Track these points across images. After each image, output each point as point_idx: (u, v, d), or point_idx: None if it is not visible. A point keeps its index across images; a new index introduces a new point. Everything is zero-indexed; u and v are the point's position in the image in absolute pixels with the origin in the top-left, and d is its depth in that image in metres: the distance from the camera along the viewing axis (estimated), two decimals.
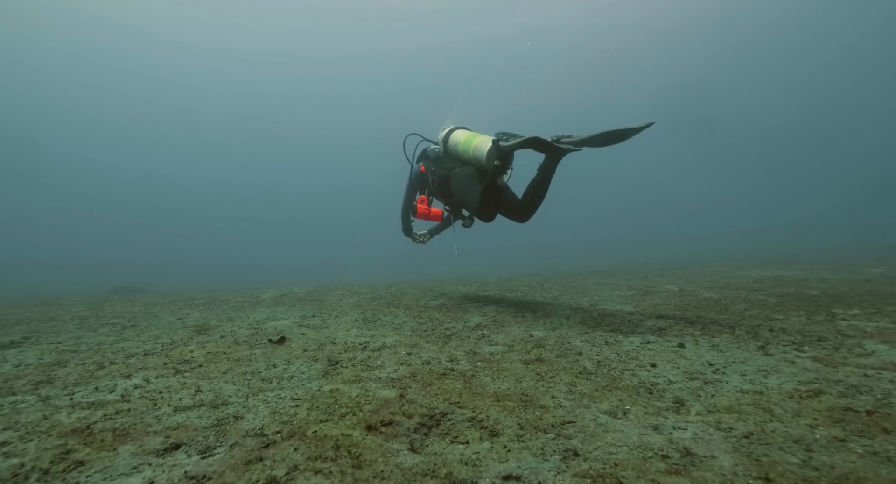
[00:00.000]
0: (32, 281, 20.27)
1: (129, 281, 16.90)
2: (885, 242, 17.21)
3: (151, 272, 27.29)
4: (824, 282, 5.51)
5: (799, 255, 12.53)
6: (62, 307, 6.57)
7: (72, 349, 3.11)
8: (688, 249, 25.17)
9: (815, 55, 59.77)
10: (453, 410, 1.63)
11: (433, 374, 2.13)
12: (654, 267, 11.39)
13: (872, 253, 11.73)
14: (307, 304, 5.24)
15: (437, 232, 5.62)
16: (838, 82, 63.53)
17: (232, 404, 1.74)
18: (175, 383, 2.11)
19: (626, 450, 1.35)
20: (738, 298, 4.44)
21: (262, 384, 2.08)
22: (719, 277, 6.99)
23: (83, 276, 24.45)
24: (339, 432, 1.41)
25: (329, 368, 2.29)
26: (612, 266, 13.87)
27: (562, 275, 9.84)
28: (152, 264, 33.60)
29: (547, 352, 2.54)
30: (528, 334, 2.96)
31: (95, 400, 1.93)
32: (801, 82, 64.77)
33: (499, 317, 3.68)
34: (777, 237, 26.97)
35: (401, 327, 3.49)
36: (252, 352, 2.73)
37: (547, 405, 1.72)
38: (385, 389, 1.91)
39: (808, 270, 7.10)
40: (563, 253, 29.07)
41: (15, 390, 2.17)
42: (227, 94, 75.23)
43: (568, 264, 18.29)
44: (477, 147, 4.17)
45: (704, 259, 14.04)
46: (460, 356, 2.48)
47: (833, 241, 20.81)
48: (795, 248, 17.25)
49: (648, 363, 2.27)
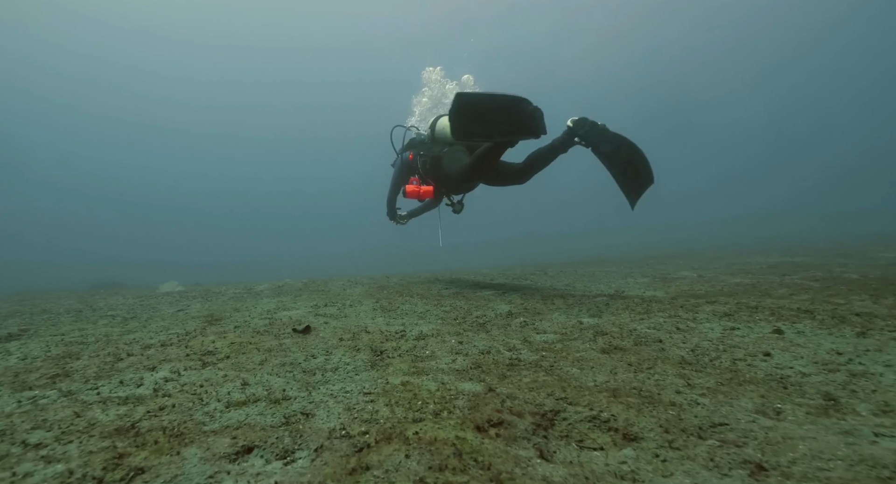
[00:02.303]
0: (4, 280, 19.57)
1: (106, 277, 16.38)
2: (862, 229, 17.48)
3: (128, 269, 26.53)
4: (844, 266, 5.50)
5: (783, 242, 12.64)
6: (50, 301, 6.25)
7: (79, 341, 2.89)
8: (659, 237, 25.22)
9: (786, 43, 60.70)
10: (564, 408, 1.43)
11: (499, 364, 1.96)
12: (646, 256, 11.38)
13: (861, 238, 11.88)
14: (312, 294, 5.05)
15: (415, 214, 6.03)
16: (799, 78, 64.84)
17: (294, 399, 1.55)
18: (211, 376, 1.92)
19: (843, 465, 1.09)
20: (774, 282, 4.34)
21: (307, 377, 1.91)
22: (726, 263, 6.97)
23: (56, 274, 23.65)
24: (450, 435, 1.21)
25: (375, 358, 2.13)
26: (597, 255, 13.84)
27: (554, 265, 9.76)
28: (128, 262, 32.70)
29: (618, 340, 2.35)
30: (577, 321, 2.80)
31: (127, 395, 1.74)
32: (769, 72, 65.86)
33: (528, 304, 3.53)
34: (743, 226, 27.07)
35: (426, 315, 3.33)
36: (280, 342, 2.55)
37: (678, 402, 1.51)
38: (462, 381, 1.74)
39: (817, 257, 7.11)
40: (532, 245, 29.04)
41: (30, 385, 1.97)
42: (210, 86, 73.42)
43: (548, 255, 18.22)
44: None
45: (691, 247, 14.07)
46: (518, 345, 2.30)
47: (805, 229, 21.08)
48: (774, 236, 17.38)
49: (759, 352, 2.04)
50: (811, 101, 67.31)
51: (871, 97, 66.48)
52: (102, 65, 66.20)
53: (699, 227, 29.74)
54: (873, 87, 65.52)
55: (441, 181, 5.08)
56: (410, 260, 19.11)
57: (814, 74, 64.72)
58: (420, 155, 5.12)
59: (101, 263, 30.37)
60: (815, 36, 59.73)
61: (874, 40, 59.08)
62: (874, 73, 64.27)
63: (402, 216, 5.95)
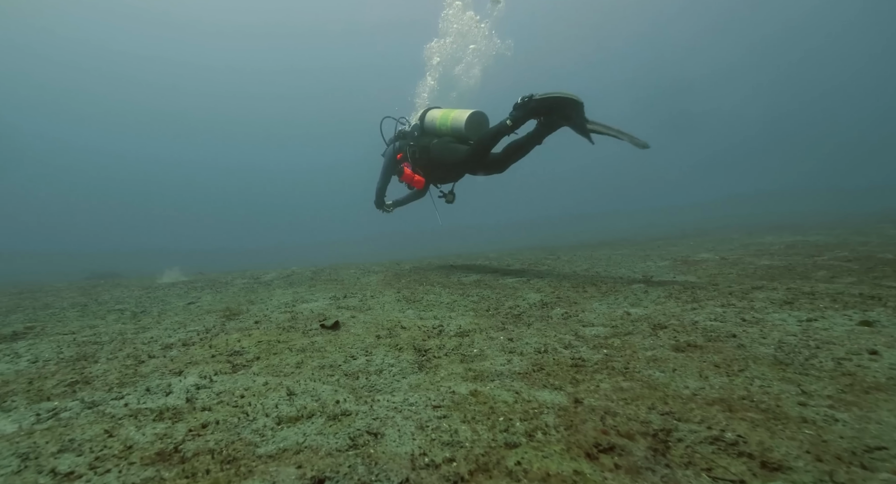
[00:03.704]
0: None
1: (102, 267, 16.13)
2: (858, 207, 17.26)
3: (123, 258, 26.19)
4: (867, 245, 5.36)
5: (787, 221, 12.46)
6: (51, 294, 6.07)
7: (92, 341, 2.72)
8: (660, 219, 25.05)
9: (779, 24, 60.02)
10: (674, 425, 1.22)
11: (562, 365, 1.78)
12: (652, 238, 11.24)
13: (864, 216, 11.72)
14: (326, 283, 4.88)
15: (401, 203, 6.23)
16: (793, 57, 64.25)
17: (355, 414, 1.36)
18: (248, 382, 1.76)
19: None
20: (807, 264, 4.17)
21: (351, 381, 1.75)
22: (740, 244, 6.83)
23: (50, 265, 23.34)
24: (564, 467, 1.01)
25: (420, 359, 1.96)
26: (599, 239, 13.67)
27: (561, 248, 9.60)
28: (121, 251, 32.32)
29: (684, 335, 2.13)
30: (623, 312, 2.63)
31: (158, 406, 1.58)
32: (761, 56, 65.26)
33: (559, 293, 3.37)
34: (743, 206, 26.84)
35: (454, 307, 3.17)
36: (311, 339, 2.39)
37: (809, 418, 1.27)
38: (535, 388, 1.55)
39: (831, 235, 6.96)
40: (524, 230, 28.88)
41: (48, 394, 1.80)
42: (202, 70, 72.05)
43: (546, 239, 18.03)
44: (455, 119, 4.86)
45: (697, 228, 13.89)
46: (572, 341, 2.12)
47: (802, 207, 20.87)
48: (778, 215, 17.19)
49: (861, 350, 1.80)
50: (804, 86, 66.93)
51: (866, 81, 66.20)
52: (99, 52, 64.76)
53: (692, 211, 29.55)
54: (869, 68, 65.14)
55: (432, 170, 5.24)
56: (410, 245, 18.93)
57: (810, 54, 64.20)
58: (409, 146, 5.32)
59: (94, 253, 29.99)
60: (812, 15, 59.11)
61: (872, 18, 58.49)
62: (871, 53, 63.79)
63: (389, 205, 6.13)
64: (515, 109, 4.25)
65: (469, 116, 4.74)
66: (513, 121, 4.26)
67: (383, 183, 5.88)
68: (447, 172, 5.19)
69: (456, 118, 4.84)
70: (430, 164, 5.17)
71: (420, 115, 5.31)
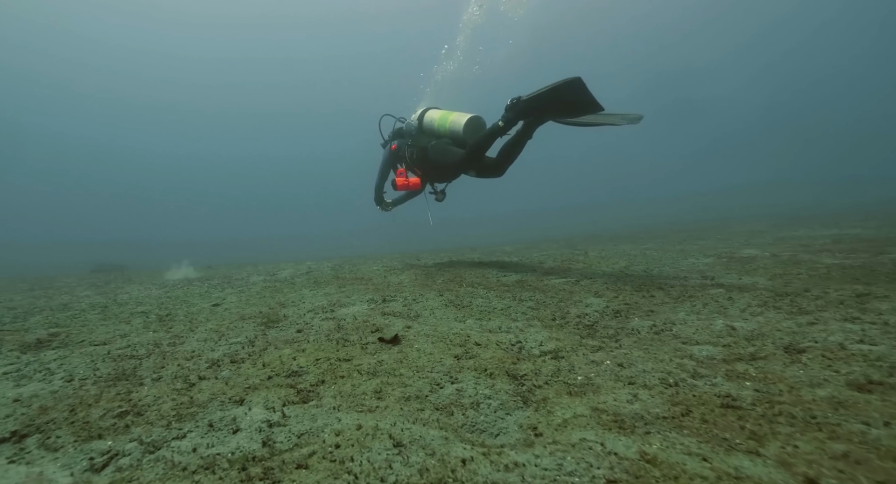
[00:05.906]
0: (3, 261, 19.06)
1: (107, 259, 15.87)
2: (862, 196, 16.91)
3: (125, 249, 25.95)
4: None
5: (805, 211, 12.08)
6: (64, 291, 5.83)
7: (128, 354, 2.47)
8: (660, 211, 24.80)
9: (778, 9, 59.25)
10: None
11: (710, 406, 1.45)
12: (673, 230, 10.98)
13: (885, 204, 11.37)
14: (354, 283, 4.64)
15: (398, 203, 6.35)
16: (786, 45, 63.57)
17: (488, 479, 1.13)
18: (330, 420, 1.52)
19: None
20: (885, 263, 3.80)
21: (446, 419, 1.51)
22: (774, 238, 6.56)
23: (56, 255, 23.13)
24: None
25: (520, 388, 1.71)
26: (614, 231, 13.43)
27: (580, 240, 9.33)
28: (120, 241, 32.13)
29: (843, 364, 1.72)
30: (727, 326, 2.29)
31: (234, 452, 1.34)
32: (751, 46, 64.54)
33: (625, 298, 3.10)
34: (744, 197, 26.58)
35: (510, 313, 2.93)
36: (377, 359, 2.14)
37: None
38: (722, 451, 1.20)
39: (873, 228, 6.64)
40: (529, 221, 28.70)
41: (97, 430, 1.56)
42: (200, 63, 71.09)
43: (557, 231, 17.78)
44: (453, 122, 4.94)
45: (709, 220, 13.57)
46: (694, 367, 1.80)
47: (804, 199, 20.48)
48: (786, 206, 16.85)
49: None
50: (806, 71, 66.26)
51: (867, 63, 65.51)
52: (96, 45, 63.94)
53: (693, 201, 29.31)
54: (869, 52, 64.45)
55: (429, 170, 5.35)
56: (412, 237, 18.62)
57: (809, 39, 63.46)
58: (408, 146, 5.43)
59: (97, 245, 29.78)
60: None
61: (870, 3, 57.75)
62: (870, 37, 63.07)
63: (388, 203, 6.27)
64: (507, 111, 4.29)
65: (468, 121, 4.85)
66: (504, 122, 4.32)
67: (381, 180, 6.02)
68: (443, 173, 5.32)
69: (455, 121, 4.95)
70: (426, 164, 5.28)
71: (419, 115, 5.39)
